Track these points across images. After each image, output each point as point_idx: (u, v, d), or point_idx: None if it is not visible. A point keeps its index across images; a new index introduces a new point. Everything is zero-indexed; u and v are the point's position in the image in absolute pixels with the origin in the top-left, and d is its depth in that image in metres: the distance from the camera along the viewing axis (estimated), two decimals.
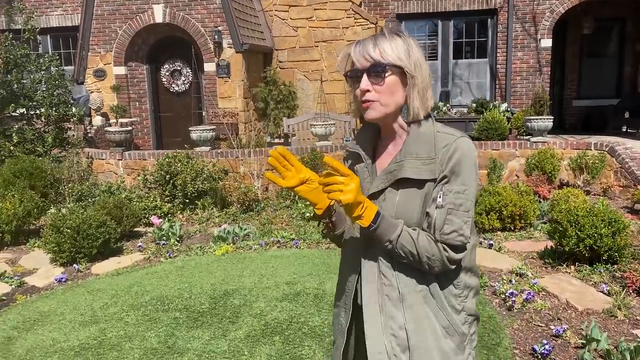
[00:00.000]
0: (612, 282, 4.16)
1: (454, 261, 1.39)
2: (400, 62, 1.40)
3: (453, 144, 1.39)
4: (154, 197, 6.95)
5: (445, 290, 1.44)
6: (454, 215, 1.37)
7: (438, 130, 1.44)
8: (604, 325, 3.51)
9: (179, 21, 9.89)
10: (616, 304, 3.71)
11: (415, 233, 1.39)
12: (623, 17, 12.29)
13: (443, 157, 1.39)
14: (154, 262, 5.29)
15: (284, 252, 5.33)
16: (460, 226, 1.37)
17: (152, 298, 4.28)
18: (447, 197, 1.37)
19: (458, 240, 1.37)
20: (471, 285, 1.49)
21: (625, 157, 7.47)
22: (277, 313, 3.88)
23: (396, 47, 1.41)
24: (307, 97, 11.07)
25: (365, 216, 1.35)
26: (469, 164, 1.39)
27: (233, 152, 8.32)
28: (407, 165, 1.41)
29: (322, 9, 10.80)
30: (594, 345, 3.16)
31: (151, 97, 10.68)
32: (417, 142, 1.43)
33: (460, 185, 1.38)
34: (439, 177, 1.39)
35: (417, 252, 1.37)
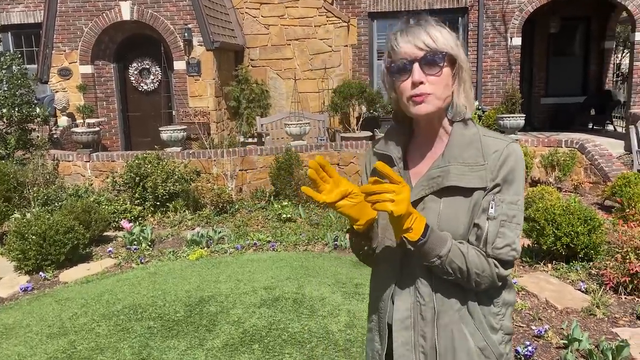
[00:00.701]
0: (589, 279, 4.19)
1: (503, 277, 1.29)
2: (454, 51, 1.28)
3: (505, 149, 1.28)
4: (123, 200, 6.74)
5: (485, 309, 1.32)
6: (506, 228, 1.26)
7: (484, 133, 1.32)
8: (584, 324, 3.52)
9: (148, 19, 9.63)
10: (594, 302, 3.73)
11: (464, 247, 1.26)
12: (588, 16, 12.54)
13: (494, 163, 1.27)
14: (125, 268, 5.11)
15: (261, 256, 5.22)
16: (513, 240, 1.27)
17: (124, 307, 4.12)
18: (500, 208, 1.26)
19: (510, 255, 1.27)
20: (510, 302, 1.37)
21: (595, 154, 7.60)
22: (255, 320, 3.77)
23: (447, 36, 1.29)
24: (280, 96, 10.95)
25: (414, 228, 1.20)
26: (521, 172, 1.29)
27: (205, 153, 8.15)
28: (453, 171, 1.28)
29: (293, 6, 10.68)
30: (576, 345, 3.16)
31: (119, 96, 10.39)
32: (462, 146, 1.30)
33: (513, 195, 1.27)
34: (491, 186, 1.27)
35: (467, 269, 1.25)
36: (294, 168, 7.15)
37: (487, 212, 1.26)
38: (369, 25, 11.10)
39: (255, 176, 8.14)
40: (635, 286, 3.85)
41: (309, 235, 5.70)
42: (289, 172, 7.11)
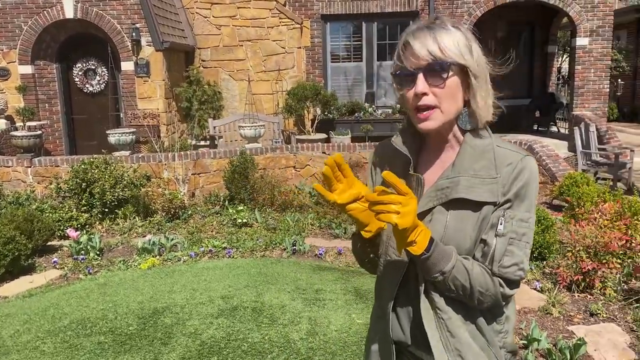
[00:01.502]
0: (544, 278, 4.28)
1: (507, 297, 1.23)
2: (464, 60, 1.20)
3: (519, 163, 1.21)
4: (69, 207, 6.40)
5: (490, 326, 1.26)
6: (515, 246, 1.19)
7: (498, 144, 1.25)
8: (542, 323, 3.58)
9: (93, 17, 9.24)
10: (550, 301, 3.81)
11: (469, 264, 1.20)
12: (532, 21, 13.01)
13: (507, 177, 1.20)
14: (72, 280, 4.84)
15: (217, 263, 5.06)
16: (521, 259, 1.20)
17: (72, 321, 3.88)
18: (510, 225, 1.20)
19: (517, 274, 1.20)
20: (511, 318, 1.31)
21: (543, 155, 7.84)
22: (213, 331, 3.63)
23: (457, 42, 1.20)
24: (233, 98, 10.75)
25: (418, 242, 1.12)
26: (535, 188, 1.22)
27: (156, 156, 7.88)
28: (462, 182, 1.21)
29: (245, 7, 10.52)
30: (535, 345, 3.20)
31: (63, 98, 9.91)
32: (473, 157, 1.23)
33: (525, 212, 1.21)
34: (502, 201, 1.20)
35: (470, 286, 1.19)
36: (249, 171, 7.01)
37: (496, 228, 1.20)
38: (322, 27, 11.07)
39: (208, 180, 7.94)
40: (587, 284, 3.96)
41: (266, 241, 5.58)
42: (244, 175, 6.97)
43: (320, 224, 6.18)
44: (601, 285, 3.93)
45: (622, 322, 3.57)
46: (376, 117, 10.71)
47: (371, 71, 11.34)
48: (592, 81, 10.81)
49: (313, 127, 10.27)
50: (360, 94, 11.36)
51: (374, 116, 10.75)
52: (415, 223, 1.11)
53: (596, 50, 10.72)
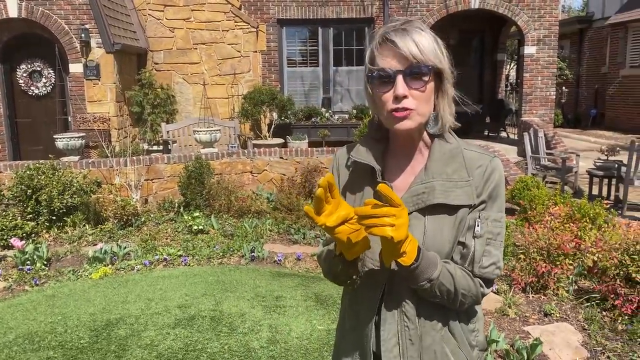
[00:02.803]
0: (499, 280, 4.37)
1: (484, 296, 1.26)
2: (441, 64, 1.20)
3: (489, 165, 1.23)
4: (13, 216, 6.08)
5: (464, 327, 1.28)
6: (492, 246, 1.22)
7: (465, 147, 1.26)
8: (499, 324, 3.65)
9: (38, 17, 8.85)
10: (507, 303, 3.89)
11: (452, 268, 1.21)
12: (483, 30, 13.42)
13: (479, 179, 1.22)
14: (18, 292, 4.59)
15: (173, 272, 4.91)
16: (498, 258, 1.24)
17: (18, 336, 3.67)
18: (486, 226, 1.21)
19: (495, 273, 1.24)
20: (480, 316, 1.34)
21: None
22: (170, 342, 3.51)
23: (433, 45, 1.19)
24: (187, 102, 10.54)
25: (408, 252, 1.11)
26: (503, 188, 1.26)
27: (106, 162, 7.60)
28: (437, 187, 1.21)
29: (200, 10, 10.35)
30: (494, 346, 3.25)
31: (5, 100, 9.43)
32: (444, 161, 1.23)
33: (497, 211, 1.24)
34: (477, 203, 1.22)
35: (455, 290, 1.19)
36: (205, 177, 6.87)
37: (474, 230, 1.21)
38: (279, 31, 11.03)
39: (162, 186, 7.73)
40: (541, 285, 4.07)
41: (223, 248, 5.47)
42: (200, 181, 6.82)
43: (278, 229, 6.12)
44: (555, 286, 4.04)
45: (575, 321, 3.69)
46: (333, 122, 10.75)
47: (327, 76, 11.39)
48: (539, 88, 11.24)
49: (270, 132, 10.20)
50: (317, 99, 11.39)
51: (330, 121, 10.79)
52: (407, 234, 1.10)
53: (543, 58, 11.16)
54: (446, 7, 11.02)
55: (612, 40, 15.84)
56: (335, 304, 4.02)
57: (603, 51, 16.48)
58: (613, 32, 15.71)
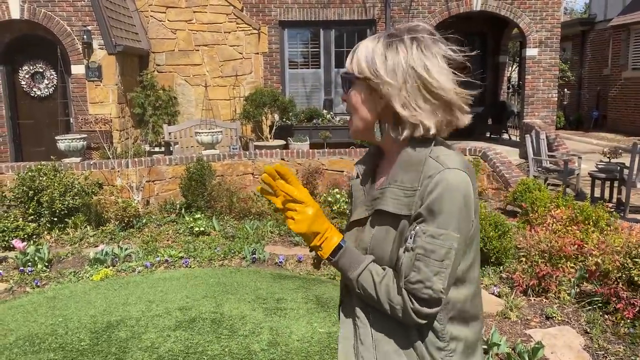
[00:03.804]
0: (501, 283, 4.36)
1: (424, 315, 1.16)
2: (366, 73, 1.20)
3: (437, 175, 1.14)
4: (14, 217, 6.09)
5: (427, 340, 1.20)
6: (422, 263, 1.14)
7: (435, 155, 1.19)
8: (500, 327, 3.64)
9: (41, 18, 8.87)
10: (508, 306, 3.88)
11: (380, 275, 1.20)
12: (484, 32, 13.42)
13: (424, 190, 1.15)
14: (18, 294, 4.59)
15: (174, 273, 4.91)
16: (428, 277, 1.13)
17: (19, 338, 3.67)
18: (420, 240, 1.14)
19: (425, 293, 1.14)
20: (461, 338, 1.22)
21: (497, 162, 8.04)
22: (170, 344, 3.51)
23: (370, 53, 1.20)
24: (189, 103, 10.55)
25: (324, 247, 1.22)
26: (451, 203, 1.13)
27: (108, 163, 7.61)
28: (388, 194, 1.20)
29: (202, 12, 10.37)
30: (495, 349, 3.24)
31: (8, 102, 9.45)
32: (404, 167, 1.20)
33: (437, 228, 1.13)
34: (414, 214, 1.16)
35: (377, 297, 1.18)
36: (206, 178, 6.87)
37: (406, 242, 1.17)
38: (280, 33, 11.04)
39: (164, 187, 7.73)
40: (542, 288, 4.06)
41: (224, 249, 5.46)
42: (202, 182, 6.82)
43: (279, 231, 6.11)
44: (556, 289, 4.03)
45: (576, 325, 3.67)
46: (334, 124, 10.75)
47: (329, 78, 11.38)
48: (541, 90, 11.22)
49: (271, 134, 10.20)
50: (319, 101, 11.39)
51: (332, 123, 10.79)
52: (315, 230, 1.21)
53: (545, 60, 11.14)
54: (448, 9, 11.01)
55: (615, 42, 15.82)
56: (336, 307, 4.01)
57: (605, 53, 16.46)
58: (615, 34, 15.69)
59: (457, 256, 1.15)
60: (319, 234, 1.22)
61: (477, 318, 1.29)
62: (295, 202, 1.20)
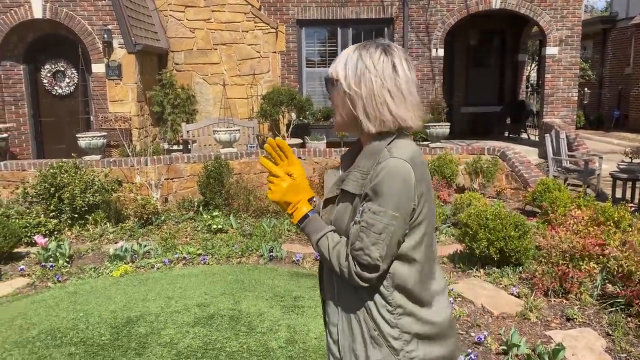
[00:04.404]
0: (520, 283, 4.32)
1: (364, 279, 1.39)
2: (339, 77, 1.46)
3: (383, 162, 1.38)
4: (36, 213, 6.20)
5: (377, 301, 1.43)
6: (364, 234, 1.37)
7: (389, 147, 1.42)
8: (520, 328, 3.60)
9: (62, 18, 9.00)
10: (528, 306, 3.83)
11: (335, 241, 1.45)
12: (504, 30, 13.26)
13: (373, 174, 1.39)
14: (40, 288, 4.67)
15: (192, 270, 4.95)
16: (367, 245, 1.36)
17: (41, 332, 3.73)
18: (364, 215, 1.38)
19: (364, 259, 1.37)
20: (405, 308, 1.44)
21: (515, 162, 7.96)
22: (189, 340, 3.54)
23: (347, 62, 1.45)
24: (207, 102, 10.62)
25: (295, 216, 1.52)
26: (390, 186, 1.36)
27: (127, 161, 7.70)
28: (351, 177, 1.45)
29: (220, 11, 10.42)
30: (515, 350, 3.21)
31: (30, 100, 9.61)
32: (366, 155, 1.45)
33: (378, 206, 1.36)
34: (363, 194, 1.40)
35: (330, 259, 1.43)
36: (224, 176, 6.91)
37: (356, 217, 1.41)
38: (298, 32, 11.05)
39: (182, 185, 7.80)
40: (563, 289, 4.01)
41: (242, 247, 5.49)
42: (219, 180, 6.86)
43: (296, 229, 6.12)
44: (577, 290, 3.98)
45: (598, 327, 3.62)
46: None
47: None
48: (561, 89, 11.07)
49: (288, 132, 10.22)
50: None
51: None
52: (288, 200, 1.51)
53: (565, 59, 10.99)
54: (467, 7, 10.92)
55: (637, 40, 15.54)
56: None
57: (627, 52, 16.17)
58: (637, 33, 15.41)
59: (395, 232, 1.37)
60: (291, 204, 1.51)
61: (428, 304, 1.47)
62: (274, 176, 1.51)
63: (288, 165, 1.57)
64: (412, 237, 1.41)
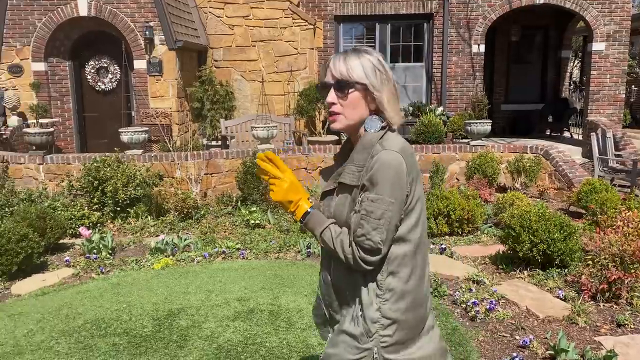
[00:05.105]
0: (566, 287, 4.18)
1: (368, 262, 1.50)
2: (365, 80, 1.54)
3: (377, 155, 1.49)
4: (81, 206, 6.36)
5: (370, 286, 1.55)
6: (365, 221, 1.48)
7: (381, 141, 1.54)
8: (567, 332, 3.48)
9: (106, 15, 9.21)
10: (575, 310, 3.70)
11: (337, 232, 1.55)
12: (547, 25, 12.89)
13: (368, 166, 1.50)
14: (85, 279, 4.78)
15: (231, 264, 4.98)
16: (368, 231, 1.48)
17: (86, 322, 3.82)
18: (363, 204, 1.50)
19: (367, 244, 1.48)
20: (395, 290, 1.54)
21: (559, 161, 7.73)
22: (229, 334, 3.56)
23: (363, 65, 1.55)
24: (245, 98, 10.70)
25: (297, 213, 1.61)
26: (384, 176, 1.47)
27: (168, 156, 7.82)
28: (346, 171, 1.57)
29: (259, 7, 10.47)
30: (563, 355, 3.11)
31: (75, 96, 9.89)
32: (359, 150, 1.56)
33: (375, 194, 1.48)
34: (361, 185, 1.52)
35: (335, 248, 1.54)
36: None
37: (356, 206, 1.52)
38: (335, 28, 11.01)
39: (220, 180, 7.88)
40: (613, 293, 3.86)
41: (279, 242, 5.50)
42: (257, 176, 6.89)
43: None
44: (628, 295, 3.82)
45: None
46: None
47: None
48: (607, 87, 10.69)
49: (324, 129, 10.20)
50: None
51: None
52: (289, 198, 1.59)
53: (612, 55, 10.60)
54: (509, 2, 10.65)
55: None
56: None
57: None
58: None
59: (392, 217, 1.49)
60: (293, 202, 1.60)
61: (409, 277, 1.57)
62: (275, 178, 1.59)
63: (282, 172, 1.64)
64: (408, 221, 1.54)
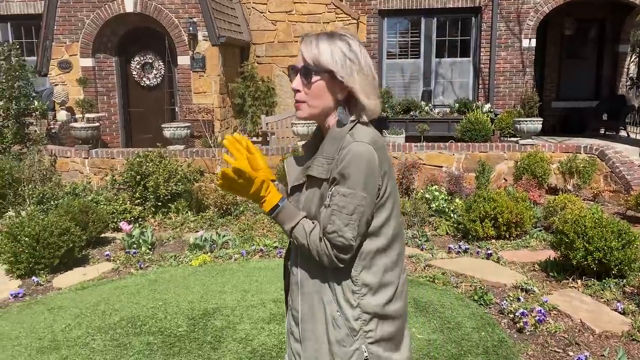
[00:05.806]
0: (625, 299, 3.88)
1: (341, 259, 1.42)
2: (333, 67, 1.42)
3: (348, 147, 1.40)
4: (123, 200, 6.42)
5: (343, 283, 1.46)
6: (336, 217, 1.40)
7: (352, 132, 1.44)
8: (627, 350, 3.21)
9: (151, 11, 9.31)
10: (636, 326, 3.42)
11: (310, 228, 1.45)
12: (603, 18, 12.24)
13: (338, 159, 1.41)
14: (124, 274, 4.80)
15: (268, 263, 4.90)
16: (340, 227, 1.39)
17: (122, 319, 3.80)
18: (334, 199, 1.40)
19: (338, 240, 1.40)
20: (370, 284, 1.47)
21: (616, 162, 7.28)
22: (264, 337, 3.46)
23: (333, 51, 1.43)
24: (286, 94, 10.62)
25: (264, 207, 1.48)
26: (357, 169, 1.39)
27: (209, 151, 7.83)
28: (315, 163, 1.47)
29: (302, 2, 10.37)
30: None
31: (120, 91, 10.06)
32: (329, 142, 1.46)
33: (347, 188, 1.39)
34: (331, 178, 1.42)
35: (308, 245, 1.44)
36: None
37: (326, 201, 1.43)
38: (379, 23, 10.78)
39: None
40: None
41: None
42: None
43: None
44: None
45: None
46: (433, 117, 10.33)
47: (429, 68, 10.97)
48: None
49: None
50: (417, 92, 11.01)
51: (430, 115, 10.37)
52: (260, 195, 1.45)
53: None
54: None
55: None
56: (436, 312, 3.77)
57: None
58: None
59: (365, 211, 1.41)
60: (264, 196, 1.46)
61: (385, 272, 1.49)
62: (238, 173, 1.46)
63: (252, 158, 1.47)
64: (380, 215, 1.46)
